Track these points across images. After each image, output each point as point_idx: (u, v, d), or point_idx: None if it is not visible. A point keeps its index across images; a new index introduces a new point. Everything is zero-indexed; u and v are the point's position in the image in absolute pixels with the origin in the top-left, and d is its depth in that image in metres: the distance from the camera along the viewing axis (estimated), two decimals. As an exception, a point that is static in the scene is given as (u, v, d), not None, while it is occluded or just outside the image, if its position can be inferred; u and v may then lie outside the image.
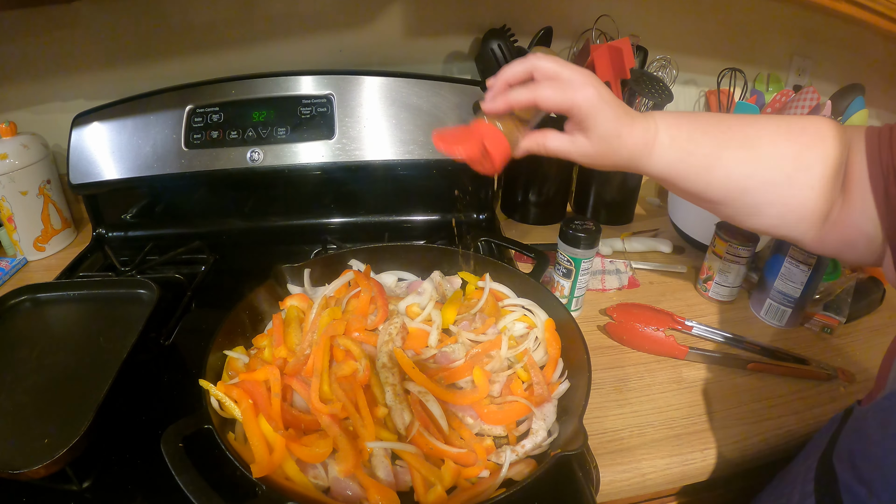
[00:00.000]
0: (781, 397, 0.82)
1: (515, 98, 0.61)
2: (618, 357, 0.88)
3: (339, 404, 0.64)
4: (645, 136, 0.62)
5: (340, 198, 1.15)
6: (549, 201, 1.22)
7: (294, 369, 0.69)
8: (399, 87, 1.05)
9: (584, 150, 0.63)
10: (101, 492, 0.66)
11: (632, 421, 0.78)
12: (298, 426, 0.65)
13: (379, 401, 0.66)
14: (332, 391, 0.66)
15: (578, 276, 0.89)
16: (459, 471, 0.61)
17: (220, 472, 0.58)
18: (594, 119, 0.59)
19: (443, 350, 0.73)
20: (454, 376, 0.70)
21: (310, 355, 0.70)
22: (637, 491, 0.73)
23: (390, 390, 0.66)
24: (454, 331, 0.78)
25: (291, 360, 0.70)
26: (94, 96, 1.13)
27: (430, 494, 0.59)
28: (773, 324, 0.96)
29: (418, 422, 0.64)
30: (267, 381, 0.67)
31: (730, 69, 1.27)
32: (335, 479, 0.61)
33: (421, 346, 0.74)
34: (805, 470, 0.60)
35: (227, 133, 1.04)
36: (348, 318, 0.74)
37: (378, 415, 0.65)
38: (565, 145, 0.64)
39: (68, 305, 0.91)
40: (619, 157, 0.63)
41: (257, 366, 0.69)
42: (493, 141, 0.63)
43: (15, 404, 0.72)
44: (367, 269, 0.84)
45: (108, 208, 1.14)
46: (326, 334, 0.69)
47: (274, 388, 0.65)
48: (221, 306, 0.77)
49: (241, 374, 0.69)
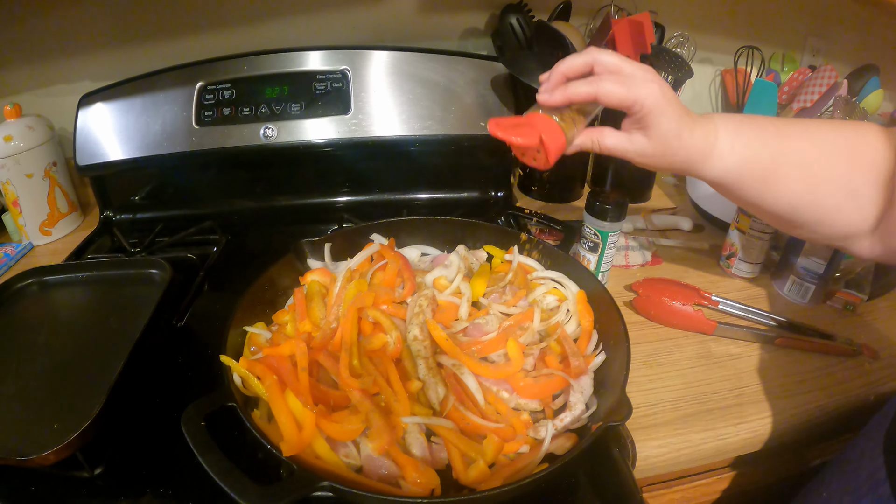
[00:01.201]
0: (809, 373, 0.81)
1: (575, 91, 0.59)
2: (644, 332, 0.87)
3: (369, 379, 0.62)
4: (705, 141, 0.61)
5: (356, 175, 1.12)
6: (566, 179, 1.20)
7: (320, 343, 0.66)
8: (415, 61, 1.03)
9: (641, 149, 0.62)
10: (113, 478, 0.63)
11: (664, 396, 0.76)
12: (327, 403, 0.62)
13: (411, 375, 0.64)
14: (361, 366, 0.64)
15: (605, 250, 0.87)
16: (502, 445, 0.59)
17: (242, 453, 0.56)
18: (657, 117, 0.58)
19: (475, 322, 0.71)
20: (487, 349, 0.68)
21: (337, 328, 0.67)
22: (671, 467, 0.72)
23: (423, 364, 0.64)
24: (484, 304, 0.76)
25: (317, 334, 0.68)
26: (100, 77, 1.10)
27: (471, 471, 0.57)
28: (796, 300, 0.94)
29: (453, 396, 0.61)
30: (293, 355, 0.64)
31: (747, 47, 1.26)
32: (368, 458, 0.59)
33: (450, 319, 0.72)
34: (872, 446, 0.59)
35: (239, 110, 1.01)
36: (376, 291, 0.71)
37: (411, 389, 0.62)
38: (622, 143, 0.63)
39: (77, 288, 0.89)
40: (677, 159, 0.62)
41: (281, 341, 0.67)
42: (550, 134, 0.61)
43: (22, 389, 0.70)
44: (392, 241, 0.82)
45: (116, 190, 1.11)
46: (355, 305, 0.67)
47: (301, 362, 0.63)
48: (235, 287, 0.75)
49: (265, 349, 0.66)
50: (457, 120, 1.03)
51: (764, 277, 1.00)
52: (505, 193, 1.14)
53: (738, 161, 0.62)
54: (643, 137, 0.61)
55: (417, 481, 0.56)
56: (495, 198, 1.14)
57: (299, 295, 0.74)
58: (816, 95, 1.20)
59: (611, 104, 0.59)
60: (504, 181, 1.15)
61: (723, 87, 1.40)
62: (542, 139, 0.60)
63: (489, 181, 1.14)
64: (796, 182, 0.61)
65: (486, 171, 1.13)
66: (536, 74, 0.99)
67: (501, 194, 1.14)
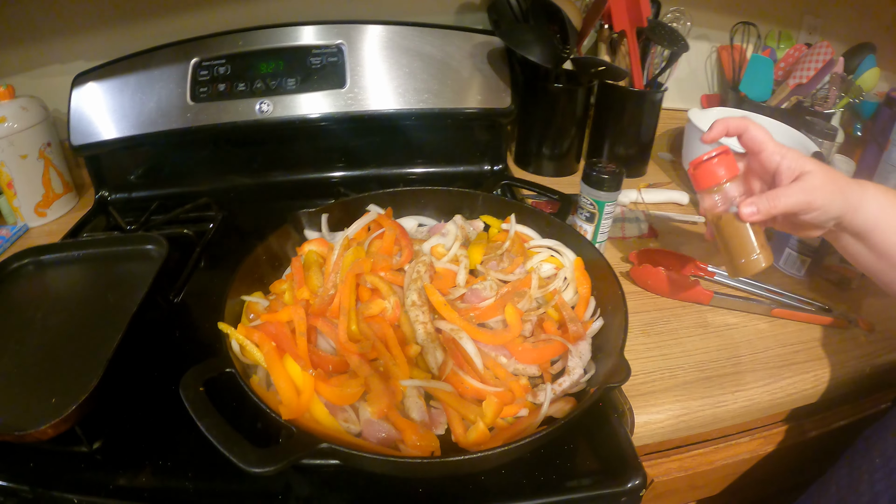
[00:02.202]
0: (805, 343, 0.82)
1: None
2: (642, 302, 0.87)
3: (368, 343, 0.62)
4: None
5: (352, 150, 1.12)
6: (562, 155, 1.20)
7: (318, 310, 0.66)
8: (411, 35, 1.03)
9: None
10: (112, 452, 0.63)
11: (662, 364, 0.77)
12: (325, 368, 0.63)
13: (409, 340, 0.64)
14: (359, 331, 0.64)
15: (602, 220, 0.87)
16: (501, 407, 0.59)
17: (240, 422, 0.55)
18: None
19: (473, 288, 0.71)
20: (485, 315, 0.68)
21: (335, 295, 0.67)
22: (670, 434, 0.72)
23: (421, 329, 0.64)
24: (481, 271, 0.76)
25: (315, 301, 0.68)
26: (93, 56, 1.09)
27: (471, 433, 0.57)
28: (792, 273, 0.95)
29: (452, 360, 0.61)
30: (291, 321, 0.64)
31: (743, 23, 1.26)
32: (367, 422, 0.59)
33: (448, 286, 0.72)
34: None
35: (234, 85, 1.01)
36: (374, 258, 0.71)
37: (409, 354, 0.62)
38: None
39: (73, 266, 0.88)
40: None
41: (278, 308, 0.67)
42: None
43: (20, 366, 0.69)
44: (389, 211, 0.82)
45: (111, 170, 1.11)
46: (353, 272, 0.67)
47: (299, 327, 0.63)
48: (232, 263, 0.74)
49: (263, 315, 0.66)
50: (453, 94, 1.03)
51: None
52: (501, 167, 1.14)
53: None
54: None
55: (417, 444, 0.56)
56: (491, 171, 1.14)
57: (297, 264, 0.74)
58: (812, 72, 1.19)
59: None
60: (500, 155, 1.15)
61: (719, 63, 1.40)
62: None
63: (485, 155, 1.14)
64: None
65: (481, 146, 1.13)
66: (532, 47, 0.99)
67: (498, 168, 1.14)
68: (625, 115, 1.17)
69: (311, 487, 0.59)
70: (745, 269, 0.70)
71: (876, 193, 0.65)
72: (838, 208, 0.64)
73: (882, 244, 0.66)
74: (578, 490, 0.60)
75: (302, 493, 0.59)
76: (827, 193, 0.63)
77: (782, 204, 0.64)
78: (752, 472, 0.88)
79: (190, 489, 0.59)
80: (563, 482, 0.60)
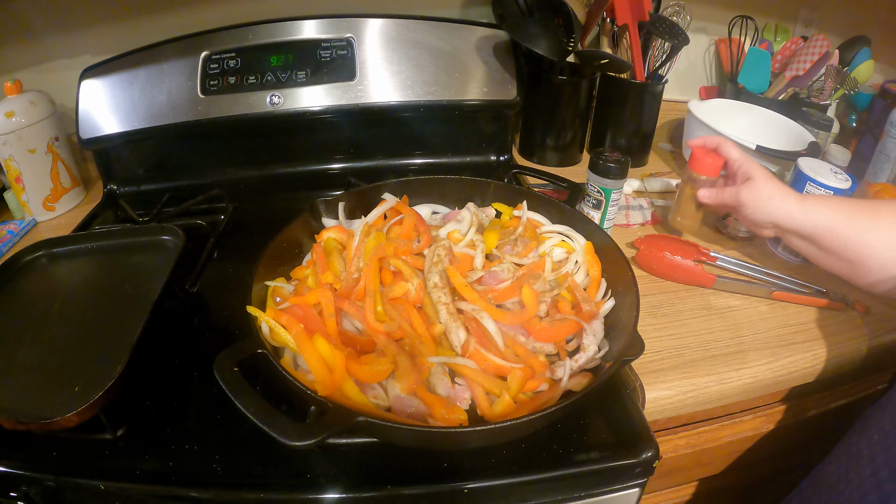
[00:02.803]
0: (804, 324, 0.85)
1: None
2: (647, 286, 0.90)
3: (394, 324, 0.64)
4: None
5: (361, 141, 1.14)
6: (566, 145, 1.22)
7: (343, 293, 0.69)
8: (419, 29, 1.05)
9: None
10: (136, 439, 0.64)
11: (669, 343, 0.79)
12: (354, 348, 0.65)
13: (433, 320, 0.66)
14: (385, 312, 0.66)
15: (608, 207, 0.90)
16: (525, 380, 0.61)
17: (270, 402, 0.55)
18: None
19: (491, 270, 0.73)
20: (502, 297, 0.70)
21: (359, 279, 0.69)
22: (679, 410, 0.75)
23: (444, 309, 0.66)
24: (496, 255, 0.78)
25: (338, 285, 0.70)
26: (100, 51, 1.10)
27: (497, 405, 0.60)
28: (789, 259, 0.98)
29: (474, 339, 0.64)
30: (318, 304, 0.66)
31: (740, 17, 1.28)
32: (396, 398, 0.61)
33: (466, 269, 0.74)
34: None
35: (244, 78, 1.02)
36: (395, 243, 0.73)
37: (434, 333, 0.65)
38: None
39: (87, 257, 0.88)
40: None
41: (304, 292, 0.69)
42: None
43: (41, 357, 0.69)
44: (405, 198, 0.84)
45: (120, 163, 1.11)
46: (377, 255, 0.69)
47: (327, 308, 0.65)
48: (245, 253, 0.75)
49: (291, 298, 0.68)
50: (461, 85, 1.05)
51: (758, 238, 1.03)
52: (507, 157, 1.16)
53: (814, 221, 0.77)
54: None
55: (446, 417, 0.58)
56: (498, 161, 1.17)
57: (318, 250, 0.76)
58: (808, 64, 1.23)
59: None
60: (506, 145, 1.17)
61: (717, 55, 1.42)
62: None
63: (491, 145, 1.16)
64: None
65: (488, 136, 1.15)
66: (537, 40, 1.02)
67: (504, 157, 1.16)
68: (627, 106, 1.19)
69: (338, 467, 0.61)
70: (676, 225, 0.97)
71: (816, 203, 0.77)
72: (767, 212, 0.78)
73: (828, 245, 0.76)
74: (594, 462, 0.63)
75: (329, 472, 0.60)
76: (756, 199, 0.79)
77: (723, 197, 0.83)
78: (756, 449, 0.91)
79: (218, 471, 0.60)
80: (580, 455, 0.63)
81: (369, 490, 0.60)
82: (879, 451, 0.65)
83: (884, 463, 0.63)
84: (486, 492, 0.61)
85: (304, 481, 0.60)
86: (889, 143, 1.15)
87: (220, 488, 0.60)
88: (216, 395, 0.64)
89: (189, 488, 0.59)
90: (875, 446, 0.66)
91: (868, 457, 0.66)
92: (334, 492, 0.59)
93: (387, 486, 0.59)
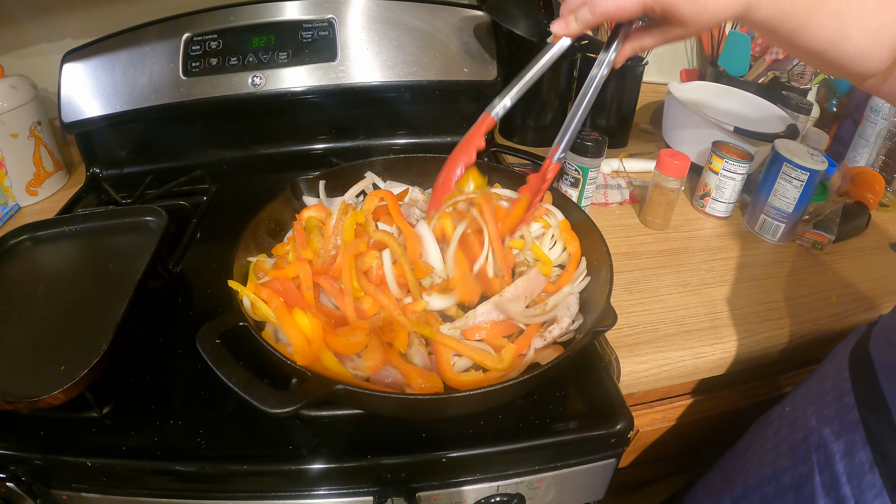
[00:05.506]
0: (780, 302, 0.87)
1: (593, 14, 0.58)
2: (624, 263, 0.91)
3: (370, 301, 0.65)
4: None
5: (342, 122, 1.14)
6: (546, 126, 1.24)
7: (321, 269, 0.70)
8: (400, 10, 1.05)
9: (680, 35, 0.60)
10: (122, 417, 0.65)
11: (644, 318, 0.81)
12: (330, 322, 0.66)
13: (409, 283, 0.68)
14: (360, 287, 0.67)
15: (585, 185, 0.91)
16: (517, 354, 0.64)
17: (252, 373, 0.56)
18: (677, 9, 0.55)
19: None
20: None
21: (336, 256, 0.70)
22: (654, 383, 0.77)
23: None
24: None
25: (317, 261, 0.71)
26: (81, 34, 1.09)
27: (500, 362, 0.62)
28: (767, 239, 0.99)
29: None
30: (297, 277, 0.67)
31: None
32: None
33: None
34: (835, 366, 0.64)
35: (226, 60, 1.02)
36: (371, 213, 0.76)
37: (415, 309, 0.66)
38: (660, 40, 0.62)
39: (72, 239, 0.88)
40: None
41: (284, 266, 0.70)
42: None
43: (27, 337, 0.69)
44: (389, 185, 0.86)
45: (102, 146, 1.11)
46: (349, 253, 0.69)
47: (305, 281, 0.66)
48: (228, 234, 0.75)
49: (270, 272, 0.69)
50: (441, 66, 1.05)
51: (737, 217, 1.05)
52: (487, 137, 1.16)
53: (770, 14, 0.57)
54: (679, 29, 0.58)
55: (423, 386, 0.60)
56: (479, 142, 1.17)
57: (298, 226, 0.77)
58: (787, 47, 1.24)
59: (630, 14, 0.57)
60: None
61: (698, 38, 1.43)
62: None
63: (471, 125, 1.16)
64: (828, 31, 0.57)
65: (468, 116, 1.16)
66: (518, 21, 1.02)
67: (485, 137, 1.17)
68: (607, 88, 1.20)
69: (319, 439, 0.63)
70: (648, 224, 1.00)
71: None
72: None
73: (789, 39, 0.59)
74: (570, 432, 0.65)
75: (310, 444, 0.62)
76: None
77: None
78: (733, 426, 0.92)
79: (203, 445, 0.62)
80: (556, 425, 0.65)
81: (350, 460, 0.61)
82: (786, 423, 0.67)
83: (785, 436, 0.66)
84: (463, 461, 0.63)
85: (286, 453, 0.62)
86: (868, 127, 1.17)
87: (204, 461, 0.61)
88: (200, 371, 0.67)
89: (174, 462, 0.61)
90: (784, 418, 0.68)
91: (775, 428, 0.69)
92: (316, 462, 0.61)
93: (367, 456, 0.61)
